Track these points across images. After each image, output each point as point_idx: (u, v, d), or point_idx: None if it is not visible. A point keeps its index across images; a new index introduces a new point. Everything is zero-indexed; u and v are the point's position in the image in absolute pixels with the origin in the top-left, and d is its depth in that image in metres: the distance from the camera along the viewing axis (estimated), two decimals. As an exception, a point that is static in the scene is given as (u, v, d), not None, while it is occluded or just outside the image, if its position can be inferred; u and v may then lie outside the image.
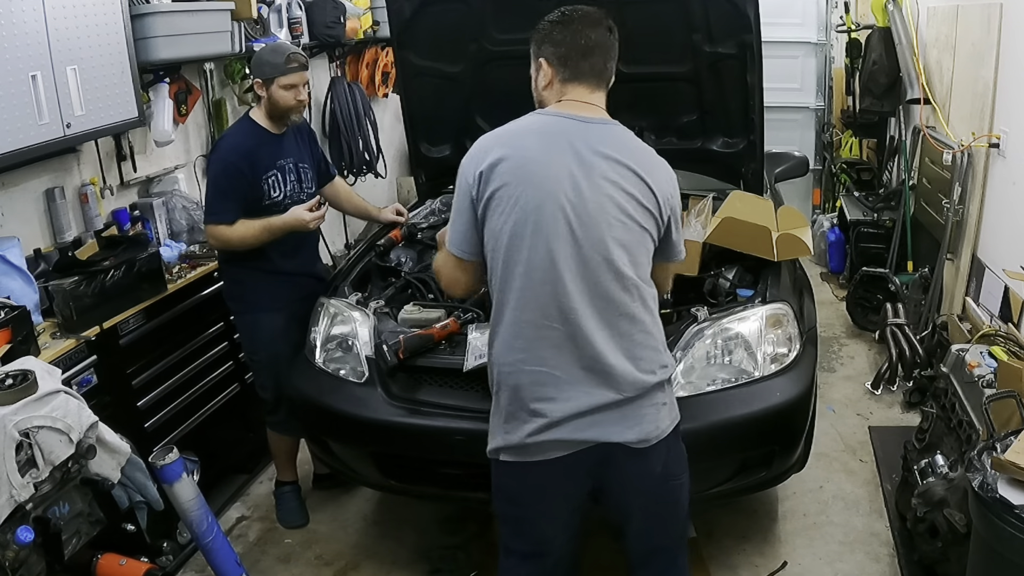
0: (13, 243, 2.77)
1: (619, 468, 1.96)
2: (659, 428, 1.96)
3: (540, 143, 1.90)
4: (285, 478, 3.27)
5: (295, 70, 2.83)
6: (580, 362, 1.88)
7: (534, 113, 1.99)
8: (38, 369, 2.19)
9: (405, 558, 3.02)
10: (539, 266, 1.86)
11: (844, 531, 3.04)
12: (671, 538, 2.10)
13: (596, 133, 1.91)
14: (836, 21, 6.15)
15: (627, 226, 1.88)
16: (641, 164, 1.91)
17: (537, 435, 1.91)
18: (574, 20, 1.95)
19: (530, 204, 1.85)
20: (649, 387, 1.92)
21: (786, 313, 2.65)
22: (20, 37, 2.58)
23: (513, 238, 1.87)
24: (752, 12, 2.88)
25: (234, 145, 2.88)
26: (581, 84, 1.96)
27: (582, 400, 1.89)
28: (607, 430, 1.91)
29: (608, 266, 1.87)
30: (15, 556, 2.00)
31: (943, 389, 3.06)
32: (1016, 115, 3.54)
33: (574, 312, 1.86)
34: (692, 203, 3.22)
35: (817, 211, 6.53)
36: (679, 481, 2.05)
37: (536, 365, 1.90)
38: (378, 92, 5.42)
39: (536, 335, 1.89)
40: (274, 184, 2.89)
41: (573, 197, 1.85)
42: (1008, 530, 1.93)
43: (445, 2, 3.08)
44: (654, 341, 1.96)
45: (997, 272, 3.60)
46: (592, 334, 1.87)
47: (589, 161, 1.87)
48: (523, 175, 1.86)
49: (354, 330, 2.73)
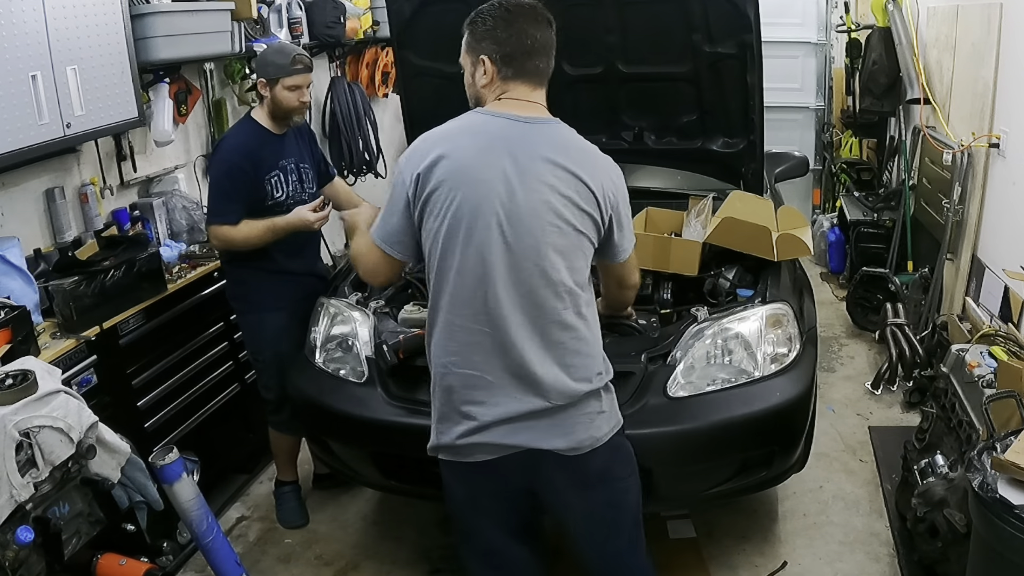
0: (13, 243, 2.77)
1: (551, 474, 1.96)
2: (593, 437, 1.94)
3: (476, 145, 1.87)
4: (285, 478, 3.27)
5: (300, 71, 2.84)
6: (509, 368, 1.88)
7: (473, 112, 1.96)
8: (38, 369, 2.19)
9: (405, 558, 3.02)
10: (470, 271, 1.85)
11: (844, 531, 3.04)
12: (620, 540, 2.08)
13: (535, 134, 1.89)
14: (836, 21, 6.15)
15: (563, 231, 1.85)
16: (580, 164, 1.88)
17: (467, 437, 1.92)
18: (518, 17, 1.91)
19: (463, 208, 1.84)
20: (581, 396, 1.91)
21: (786, 313, 2.65)
22: (20, 37, 2.58)
23: (447, 241, 1.86)
24: (752, 12, 2.88)
25: (236, 145, 2.87)
26: (524, 83, 1.93)
27: (511, 406, 1.89)
28: (536, 436, 1.91)
29: (541, 272, 1.85)
30: (15, 556, 2.00)
31: (943, 389, 3.06)
32: (1016, 115, 3.54)
33: (503, 319, 1.85)
34: (692, 203, 3.22)
35: (817, 211, 6.53)
36: (624, 484, 2.04)
37: (467, 368, 1.90)
38: (378, 92, 5.42)
39: (467, 339, 1.89)
40: (277, 184, 2.89)
41: (507, 202, 1.83)
42: (1008, 530, 1.93)
43: (445, 2, 3.08)
44: (588, 348, 1.94)
45: (997, 272, 3.60)
46: (521, 341, 1.86)
47: (525, 164, 1.84)
48: (458, 178, 1.85)
49: (354, 330, 2.73)
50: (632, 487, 2.06)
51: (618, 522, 2.07)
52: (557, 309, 1.87)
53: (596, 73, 3.25)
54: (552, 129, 1.92)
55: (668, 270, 2.93)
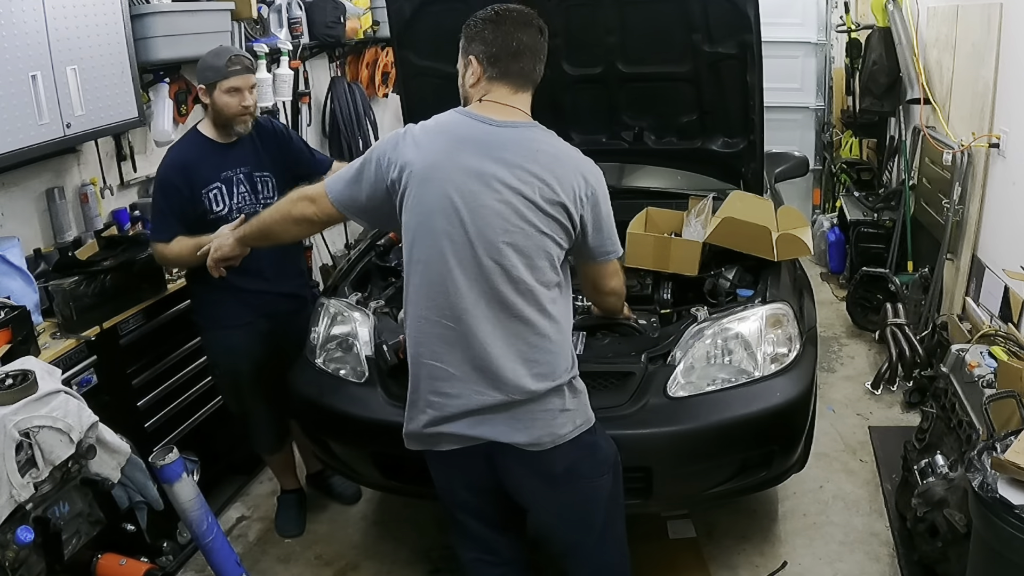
0: (13, 243, 2.76)
1: (512, 466, 2.01)
2: (554, 434, 1.97)
3: (448, 145, 1.94)
4: (287, 487, 3.26)
5: (238, 72, 2.67)
6: (471, 361, 1.93)
7: (453, 111, 2.02)
8: (38, 369, 2.19)
9: (405, 558, 3.02)
10: (434, 267, 1.93)
11: (844, 531, 3.04)
12: (589, 536, 2.12)
13: (504, 137, 1.93)
14: (836, 21, 6.15)
15: (524, 232, 1.89)
16: (548, 168, 1.91)
17: (432, 427, 2.00)
18: (506, 20, 1.96)
19: (429, 206, 1.92)
20: (542, 392, 1.94)
21: (786, 313, 2.65)
22: (20, 37, 2.58)
23: (416, 235, 1.95)
24: (752, 12, 2.88)
25: (171, 160, 2.75)
26: (506, 85, 1.97)
27: (473, 398, 1.95)
28: (496, 430, 1.96)
29: (502, 271, 1.89)
30: (15, 556, 2.00)
31: (943, 389, 3.06)
32: (1016, 115, 3.54)
33: (466, 312, 1.91)
34: (692, 203, 3.22)
35: (817, 211, 6.53)
36: (592, 484, 2.07)
37: (432, 359, 1.97)
38: (378, 92, 5.41)
39: (432, 331, 1.96)
40: (216, 198, 2.74)
41: (470, 201, 1.89)
42: (1008, 530, 1.93)
43: (445, 2, 3.08)
44: (552, 345, 1.96)
45: (997, 272, 3.60)
46: (483, 336, 1.91)
47: (490, 166, 1.89)
48: (426, 176, 1.92)
49: (354, 330, 2.73)
50: (603, 487, 2.09)
51: (587, 520, 2.10)
52: (520, 305, 1.92)
53: (596, 73, 3.25)
54: (523, 132, 1.96)
55: (668, 270, 2.94)
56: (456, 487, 2.13)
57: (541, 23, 2.00)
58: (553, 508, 2.08)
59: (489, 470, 2.04)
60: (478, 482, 2.09)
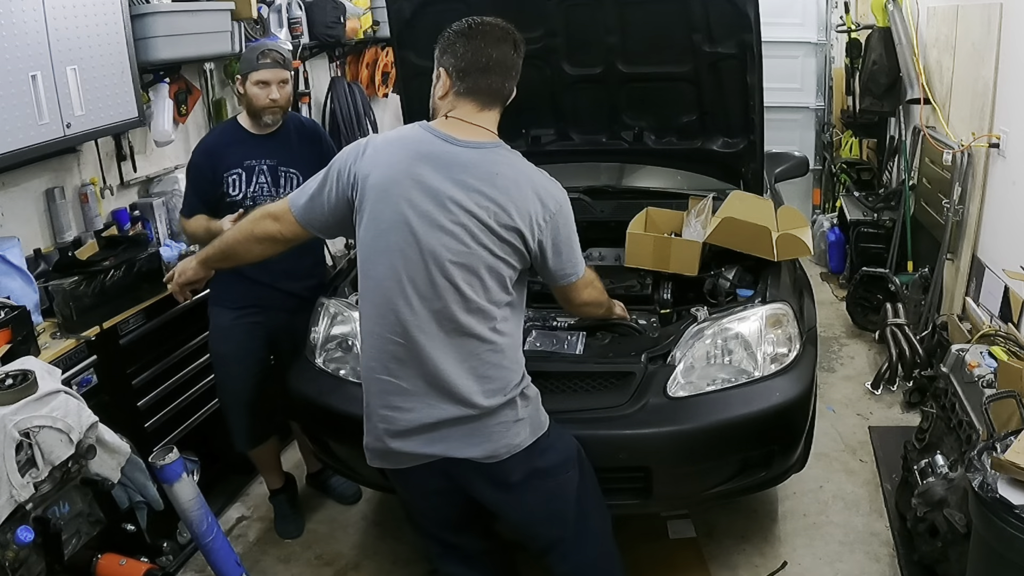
0: (13, 243, 2.77)
1: (472, 478, 2.02)
2: (510, 444, 1.98)
3: (404, 162, 1.92)
4: (271, 486, 3.26)
5: (267, 66, 2.78)
6: (424, 377, 1.93)
7: (417, 125, 2.00)
8: (38, 369, 2.19)
9: (405, 558, 3.02)
10: (386, 284, 1.92)
11: (844, 531, 3.04)
12: (565, 532, 2.13)
13: (464, 158, 1.91)
14: (836, 21, 6.15)
15: (477, 254, 1.89)
16: (505, 192, 1.89)
17: (389, 442, 1.99)
18: (478, 34, 1.93)
19: (383, 223, 1.91)
20: (496, 406, 1.95)
21: (786, 313, 2.65)
22: (20, 37, 2.58)
23: (369, 251, 1.94)
24: (752, 12, 2.88)
25: (204, 143, 2.96)
26: (472, 101, 1.95)
27: (425, 412, 1.95)
28: (451, 445, 1.96)
29: (453, 290, 1.89)
30: (15, 556, 2.00)
31: (943, 389, 3.06)
32: (1016, 115, 3.54)
33: (417, 329, 1.91)
34: (692, 203, 3.22)
35: (817, 211, 6.53)
36: (553, 480, 2.08)
37: (384, 375, 1.96)
38: (378, 92, 5.42)
39: (383, 347, 1.95)
40: (235, 183, 2.85)
41: (423, 221, 1.88)
42: (1008, 530, 1.93)
43: (445, 2, 3.08)
44: (504, 360, 1.97)
45: (997, 272, 3.60)
46: (434, 353, 1.91)
47: (447, 188, 1.88)
48: (381, 194, 1.91)
49: (354, 330, 2.72)
50: (569, 481, 2.10)
51: (558, 516, 2.11)
52: (471, 324, 1.92)
53: (596, 73, 3.25)
54: (486, 154, 1.93)
55: (668, 270, 2.94)
56: (414, 497, 2.15)
57: (517, 39, 1.97)
58: (520, 511, 2.10)
59: (445, 482, 2.05)
60: (434, 493, 2.10)
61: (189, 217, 2.90)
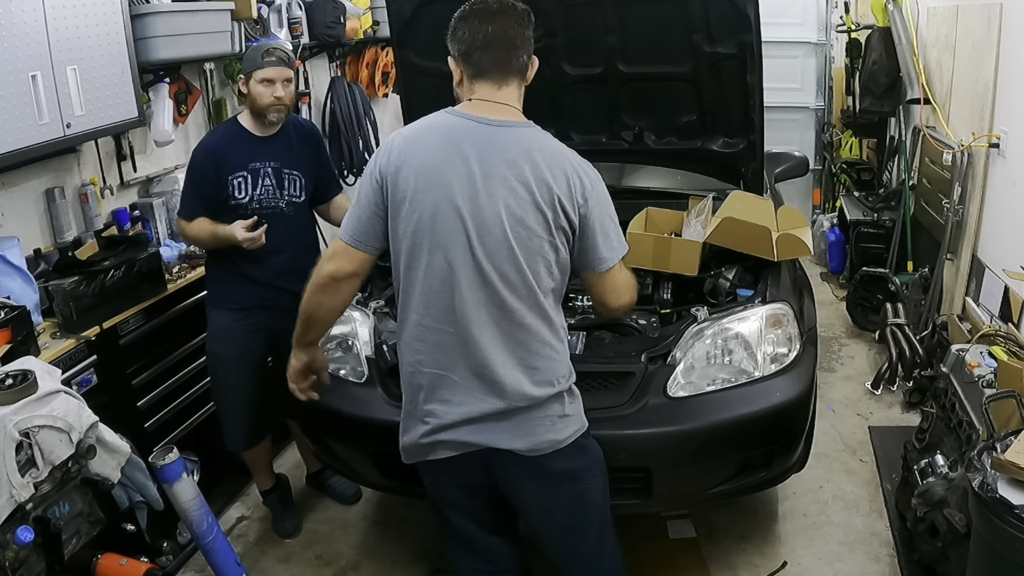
0: (13, 243, 2.77)
1: (510, 471, 2.00)
2: (553, 440, 1.97)
3: (441, 147, 1.89)
4: (262, 487, 3.25)
5: (272, 64, 2.76)
6: (472, 368, 1.92)
7: (443, 112, 1.97)
8: (38, 369, 2.19)
9: (405, 558, 3.02)
10: (436, 273, 1.89)
11: (844, 531, 3.04)
12: (587, 542, 2.10)
13: (497, 137, 1.88)
14: (836, 21, 6.15)
15: (522, 235, 1.86)
16: (547, 168, 1.86)
17: (430, 436, 1.98)
18: (473, 14, 1.91)
19: (427, 212, 1.87)
20: (543, 399, 1.94)
21: (786, 313, 2.65)
22: (20, 37, 2.58)
23: (414, 243, 1.90)
24: (752, 12, 2.88)
25: (206, 144, 2.90)
26: (486, 81, 1.92)
27: (474, 406, 1.93)
28: (496, 436, 1.95)
29: (502, 275, 1.87)
30: (15, 556, 2.00)
31: (943, 389, 3.06)
32: (1016, 115, 3.54)
33: (468, 319, 1.89)
34: (692, 203, 3.22)
35: (817, 211, 6.53)
36: (585, 484, 2.06)
37: (433, 367, 1.94)
38: (378, 92, 5.41)
39: (434, 339, 1.93)
40: (240, 185, 2.82)
41: (470, 205, 1.85)
42: (1008, 530, 1.93)
43: (445, 2, 3.07)
44: (552, 352, 1.95)
45: (997, 272, 3.60)
46: (483, 342, 1.89)
47: (488, 168, 1.85)
48: (422, 182, 1.88)
49: (354, 330, 2.73)
50: (596, 488, 2.09)
51: (583, 523, 2.09)
52: (521, 311, 1.90)
53: (596, 73, 3.25)
54: (519, 132, 1.92)
55: (668, 270, 2.94)
56: (449, 490, 2.11)
57: (521, 10, 1.93)
58: (550, 511, 2.08)
59: (484, 474, 2.03)
60: (471, 485, 2.07)
61: (189, 219, 2.84)
